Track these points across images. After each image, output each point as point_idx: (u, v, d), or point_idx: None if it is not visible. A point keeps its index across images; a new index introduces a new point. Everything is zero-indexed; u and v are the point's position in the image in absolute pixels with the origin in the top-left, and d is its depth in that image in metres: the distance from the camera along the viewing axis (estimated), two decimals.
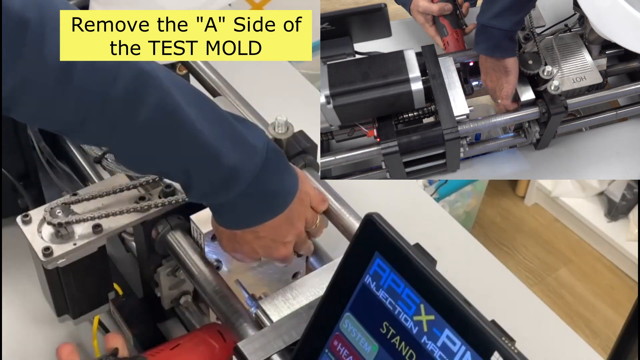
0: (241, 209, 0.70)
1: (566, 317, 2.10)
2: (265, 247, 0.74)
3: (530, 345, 0.57)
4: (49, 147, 1.00)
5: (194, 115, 0.64)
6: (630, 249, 2.21)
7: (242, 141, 0.67)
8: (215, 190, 0.68)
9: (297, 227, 0.74)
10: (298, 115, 0.89)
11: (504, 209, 2.45)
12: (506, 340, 0.50)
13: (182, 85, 0.66)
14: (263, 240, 0.73)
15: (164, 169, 0.68)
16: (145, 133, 0.63)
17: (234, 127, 0.68)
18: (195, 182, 0.67)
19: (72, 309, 0.82)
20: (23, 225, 0.76)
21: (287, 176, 0.72)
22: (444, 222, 1.12)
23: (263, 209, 0.71)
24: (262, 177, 0.68)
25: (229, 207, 0.70)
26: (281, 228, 0.73)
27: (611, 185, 2.28)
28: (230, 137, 0.67)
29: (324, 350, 0.61)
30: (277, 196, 0.71)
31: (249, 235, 0.72)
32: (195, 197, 0.70)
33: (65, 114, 0.61)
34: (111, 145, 0.66)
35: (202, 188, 0.68)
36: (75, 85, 0.59)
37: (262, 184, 0.69)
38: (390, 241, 0.56)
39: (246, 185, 0.67)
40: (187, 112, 0.64)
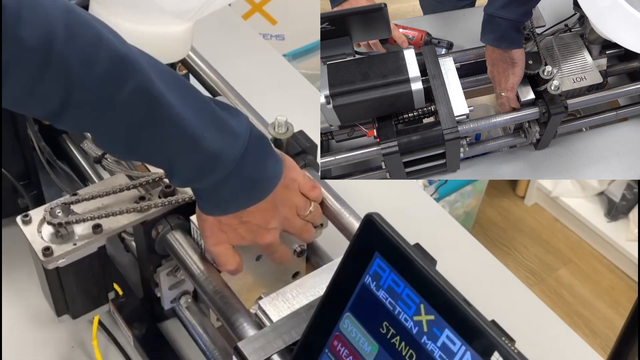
0: (225, 194, 0.70)
1: (566, 317, 2.10)
2: (250, 232, 0.74)
3: (530, 345, 0.57)
4: (49, 147, 1.00)
5: (175, 100, 0.64)
6: (630, 249, 2.21)
7: (224, 127, 0.68)
8: (197, 176, 0.68)
9: (281, 212, 0.74)
10: (298, 115, 0.89)
11: (504, 209, 2.45)
12: (506, 340, 0.50)
13: (164, 70, 0.66)
14: (247, 225, 0.73)
15: (145, 154, 0.68)
16: (125, 117, 0.63)
17: (216, 113, 0.68)
18: (177, 168, 0.68)
19: (72, 309, 0.82)
20: (23, 225, 0.76)
21: (271, 162, 0.72)
22: (444, 222, 1.12)
23: (247, 195, 0.71)
24: (245, 163, 0.68)
25: (212, 192, 0.70)
26: (265, 213, 0.73)
27: (611, 185, 2.28)
28: (213, 122, 0.67)
29: (324, 350, 0.61)
30: (260, 182, 0.71)
31: (233, 220, 0.72)
32: (178, 182, 0.70)
33: (47, 98, 0.60)
34: (93, 131, 0.66)
35: (185, 174, 0.68)
36: (54, 67, 0.58)
37: (245, 169, 0.69)
38: (390, 241, 0.56)
39: (229, 171, 0.68)
40: (168, 97, 0.64)
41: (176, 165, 0.68)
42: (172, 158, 0.67)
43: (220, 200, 0.71)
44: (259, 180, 0.71)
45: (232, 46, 1.40)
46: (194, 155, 0.66)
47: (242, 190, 0.71)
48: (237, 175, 0.69)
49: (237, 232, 0.74)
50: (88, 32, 0.60)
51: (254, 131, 0.70)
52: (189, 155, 0.67)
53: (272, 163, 0.73)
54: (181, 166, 0.68)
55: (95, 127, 0.64)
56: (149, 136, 0.65)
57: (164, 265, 0.83)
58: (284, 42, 2.20)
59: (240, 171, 0.69)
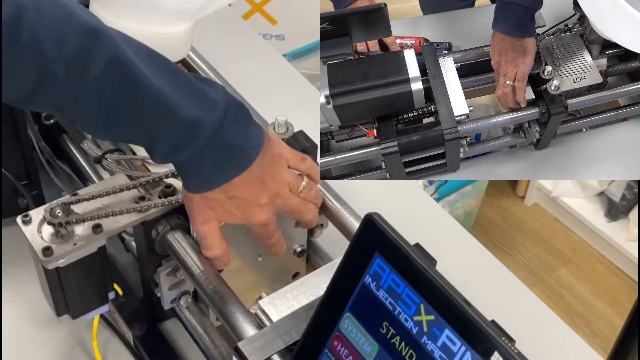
0: (208, 166, 0.70)
1: (566, 317, 2.10)
2: (240, 209, 0.73)
3: (530, 345, 0.57)
4: (49, 147, 1.00)
5: (148, 70, 0.64)
6: (630, 249, 2.21)
7: (200, 94, 0.67)
8: (177, 147, 0.67)
9: (272, 188, 0.74)
10: (298, 115, 0.89)
11: (504, 209, 2.45)
12: (506, 340, 0.50)
13: (135, 42, 0.65)
14: (236, 200, 0.72)
15: (122, 128, 0.67)
16: (99, 91, 0.63)
17: (191, 81, 0.68)
18: (156, 140, 0.67)
19: (72, 309, 0.81)
20: (23, 225, 0.76)
21: (251, 130, 0.72)
22: (444, 222, 1.12)
23: (230, 163, 0.70)
24: (225, 129, 0.68)
25: (195, 165, 0.70)
26: (253, 188, 0.72)
27: (611, 185, 2.28)
28: (188, 90, 0.67)
29: (324, 350, 0.61)
30: (242, 148, 0.70)
31: (221, 196, 0.72)
32: (159, 156, 0.69)
33: (19, 78, 0.60)
34: (68, 110, 0.65)
35: (164, 146, 0.68)
36: (24, 44, 0.58)
37: (225, 136, 0.68)
38: (390, 241, 0.56)
39: (208, 139, 0.67)
40: (141, 67, 0.64)
41: (154, 138, 0.67)
42: (149, 129, 0.66)
43: (203, 173, 0.70)
44: (241, 146, 0.70)
45: (232, 46, 1.40)
46: (171, 124, 0.66)
47: (224, 159, 0.70)
48: (218, 142, 0.68)
49: (225, 209, 0.73)
50: (58, 9, 0.60)
51: (231, 99, 0.70)
52: (166, 125, 0.66)
53: (253, 129, 0.72)
54: (160, 138, 0.67)
55: (70, 104, 0.64)
56: (124, 108, 0.64)
57: (164, 266, 0.82)
58: (284, 42, 2.20)
59: (220, 138, 0.68)
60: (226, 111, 0.68)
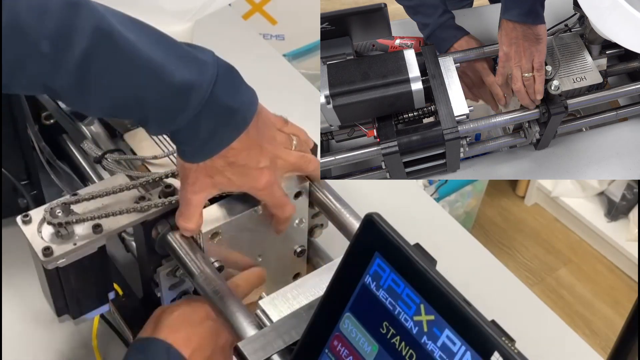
0: (205, 131, 0.68)
1: (566, 317, 2.10)
2: (240, 175, 0.72)
3: (530, 345, 0.57)
4: (49, 147, 1.00)
5: (134, 37, 0.63)
6: (630, 249, 2.21)
7: (190, 57, 0.66)
8: (172, 113, 0.66)
9: (268, 150, 0.73)
10: (298, 115, 0.89)
11: (504, 209, 2.45)
12: (506, 340, 0.50)
13: (117, 12, 0.65)
14: (235, 166, 0.72)
15: (115, 102, 0.66)
16: (87, 63, 0.62)
17: (179, 46, 0.67)
18: (150, 109, 0.66)
19: (72, 309, 0.81)
20: (23, 225, 0.76)
21: (244, 91, 0.71)
22: (444, 222, 1.12)
23: (225, 127, 0.69)
24: (218, 91, 0.67)
25: (192, 132, 0.68)
26: (251, 152, 0.72)
27: (611, 185, 2.28)
28: (177, 55, 0.66)
29: (324, 350, 0.61)
30: (237, 111, 0.70)
31: (219, 162, 0.71)
32: (155, 126, 0.69)
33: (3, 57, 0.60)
34: (57, 88, 0.64)
35: (159, 114, 0.67)
36: (6, 22, 0.58)
37: (219, 98, 0.67)
38: (390, 241, 0.56)
39: (203, 102, 0.66)
40: (127, 35, 0.63)
41: (148, 107, 0.66)
42: (142, 99, 0.65)
43: (201, 139, 0.69)
44: (236, 108, 0.69)
45: (232, 46, 1.39)
46: (163, 90, 0.65)
47: (221, 123, 0.69)
48: (213, 105, 0.67)
49: (224, 176, 0.72)
50: None
51: (221, 61, 0.69)
52: (159, 91, 0.65)
53: (245, 90, 0.71)
54: (153, 106, 0.66)
55: (58, 82, 0.63)
56: (115, 79, 0.64)
57: (164, 266, 0.83)
58: (284, 42, 2.20)
59: (214, 100, 0.67)
60: (217, 73, 0.67)
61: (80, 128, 0.99)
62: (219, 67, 0.68)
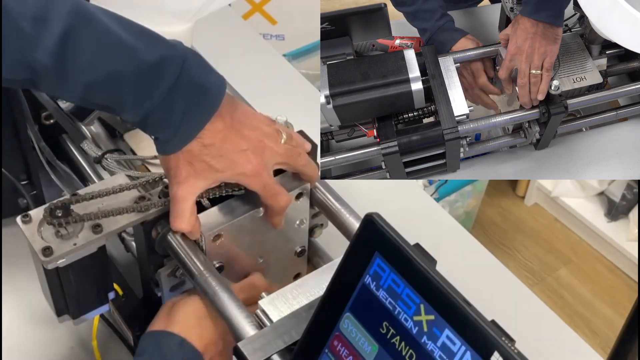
0: (177, 111, 0.69)
1: (566, 317, 2.10)
2: (220, 159, 0.72)
3: (530, 345, 0.57)
4: (49, 147, 1.00)
5: (108, 20, 0.67)
6: (630, 249, 2.21)
7: (160, 40, 0.70)
8: (146, 89, 0.68)
9: (250, 137, 0.74)
10: (298, 115, 0.89)
11: (504, 209, 2.45)
12: (506, 340, 0.50)
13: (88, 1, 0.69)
14: (212, 148, 0.72)
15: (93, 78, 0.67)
16: (64, 41, 0.65)
17: (148, 30, 0.70)
18: (125, 85, 0.68)
19: (72, 309, 0.81)
20: (23, 225, 0.76)
21: (213, 73, 0.72)
22: (444, 222, 1.12)
23: (197, 107, 0.70)
24: (188, 70, 0.69)
25: (164, 111, 0.69)
26: (227, 133, 0.72)
27: (611, 185, 2.28)
28: (148, 36, 0.69)
29: (324, 350, 0.61)
30: (208, 90, 0.71)
31: (196, 146, 0.71)
32: (130, 107, 0.69)
33: None
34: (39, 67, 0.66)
35: (134, 89, 0.68)
36: None
37: (190, 74, 0.69)
38: (390, 241, 0.56)
39: (176, 75, 0.68)
40: (101, 17, 0.67)
41: (123, 83, 0.67)
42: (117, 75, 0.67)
43: (175, 123, 0.70)
44: (207, 87, 0.70)
45: (232, 46, 1.40)
46: (137, 65, 0.67)
47: (193, 102, 0.70)
48: (185, 81, 0.69)
49: (204, 161, 0.72)
50: None
51: (187, 48, 0.71)
52: (133, 66, 0.67)
53: (214, 72, 0.72)
54: (128, 81, 0.67)
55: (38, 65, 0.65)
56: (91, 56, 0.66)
57: (165, 266, 0.83)
58: (284, 42, 2.20)
59: (187, 77, 0.69)
60: (186, 53, 0.70)
61: (80, 128, 0.98)
62: (186, 49, 0.70)
